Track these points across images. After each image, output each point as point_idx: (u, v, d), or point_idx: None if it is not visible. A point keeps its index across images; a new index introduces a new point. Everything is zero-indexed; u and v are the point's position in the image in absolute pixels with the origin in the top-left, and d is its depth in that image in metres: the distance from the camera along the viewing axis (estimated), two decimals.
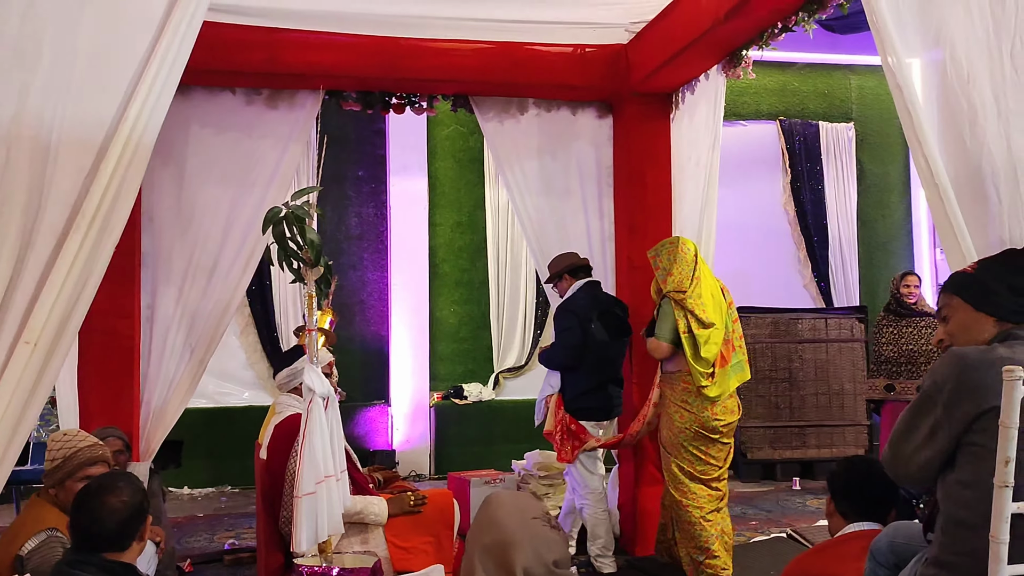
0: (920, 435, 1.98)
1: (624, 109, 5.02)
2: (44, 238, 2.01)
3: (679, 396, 4.15)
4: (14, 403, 1.97)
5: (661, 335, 4.15)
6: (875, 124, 8.90)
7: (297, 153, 4.76)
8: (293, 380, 3.75)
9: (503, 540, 1.66)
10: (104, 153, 2.05)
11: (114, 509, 2.16)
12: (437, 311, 7.88)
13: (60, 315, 2.02)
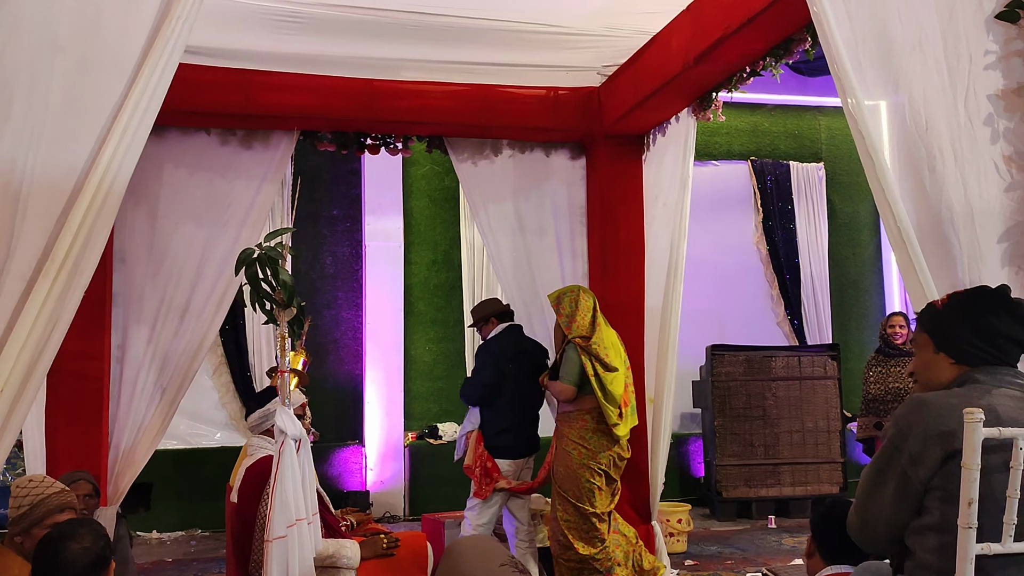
0: (888, 492, 1.97)
1: (596, 150, 5.09)
2: (12, 283, 1.99)
3: (577, 434, 4.33)
4: None
5: (567, 379, 4.35)
6: (844, 164, 9.08)
7: (271, 193, 4.76)
8: (265, 422, 3.72)
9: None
10: (75, 199, 2.05)
11: (75, 556, 2.13)
12: (412, 349, 7.87)
13: (28, 360, 2.00)
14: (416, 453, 7.57)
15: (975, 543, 1.81)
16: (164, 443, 5.76)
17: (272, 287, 3.25)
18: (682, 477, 8.01)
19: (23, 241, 2.01)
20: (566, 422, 4.42)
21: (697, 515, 6.98)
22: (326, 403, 7.45)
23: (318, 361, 7.39)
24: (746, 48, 3.79)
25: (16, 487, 2.93)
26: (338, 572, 3.54)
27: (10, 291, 1.99)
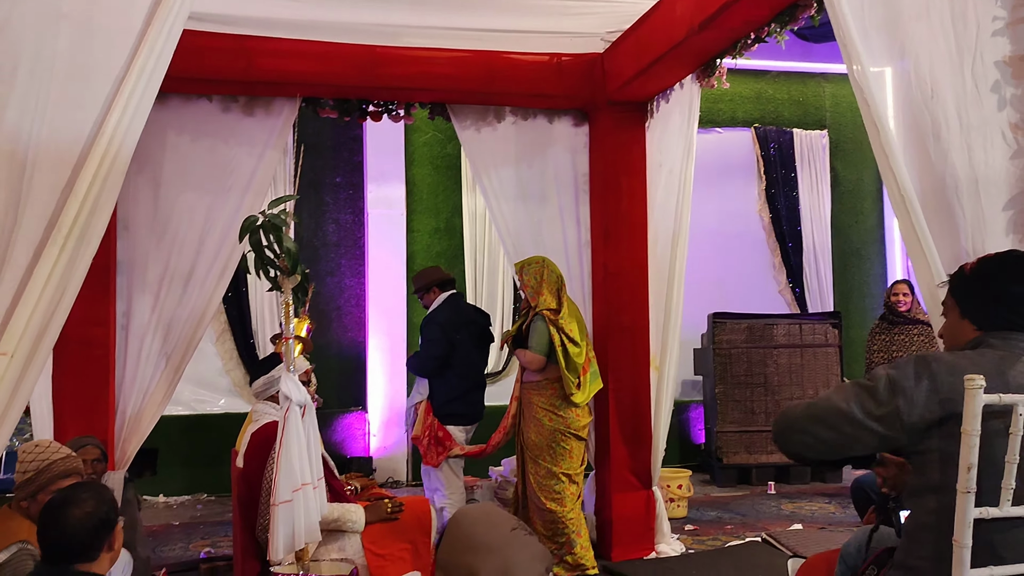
0: (852, 412, 1.94)
1: (600, 117, 5.07)
2: (21, 251, 2.00)
3: (547, 402, 4.52)
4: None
5: (537, 349, 4.50)
6: (848, 131, 9.03)
7: (274, 160, 4.75)
8: (270, 388, 3.75)
9: (495, 564, 1.59)
10: (81, 166, 2.06)
11: (78, 520, 2.15)
12: (415, 317, 7.88)
13: (37, 327, 2.02)
14: None
15: (974, 507, 1.83)
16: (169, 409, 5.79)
17: (276, 254, 3.26)
18: (682, 444, 8.07)
19: (30, 208, 2.02)
20: (535, 390, 4.57)
21: (697, 481, 7.05)
22: (329, 370, 7.49)
23: (321, 328, 7.41)
24: (751, 14, 3.76)
25: (23, 452, 2.96)
26: (343, 535, 3.60)
27: (19, 258, 2.01)
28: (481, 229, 8.07)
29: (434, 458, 4.93)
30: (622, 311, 4.94)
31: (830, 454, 2.01)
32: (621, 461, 4.91)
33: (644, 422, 4.95)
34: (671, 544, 5.00)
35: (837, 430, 1.96)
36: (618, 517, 4.89)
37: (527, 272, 4.62)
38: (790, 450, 2.05)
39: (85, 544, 2.16)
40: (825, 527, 5.56)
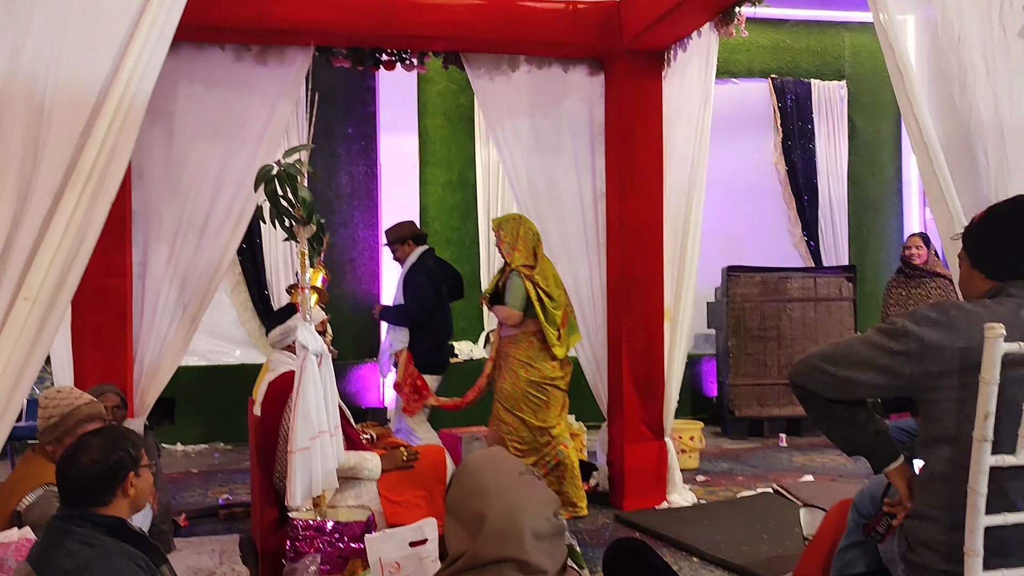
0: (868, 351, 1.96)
1: (615, 67, 5.00)
2: (40, 196, 2.01)
3: (524, 355, 4.69)
4: (14, 359, 1.99)
5: (514, 304, 4.67)
6: (868, 82, 8.88)
7: (287, 110, 4.72)
8: (286, 338, 3.78)
9: (504, 507, 1.60)
10: (98, 111, 2.05)
11: (87, 466, 2.17)
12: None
13: (58, 271, 2.03)
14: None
15: (990, 455, 1.84)
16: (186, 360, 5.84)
17: (291, 204, 3.26)
18: (694, 397, 8.10)
19: (49, 154, 2.02)
20: (512, 344, 4.74)
21: (709, 434, 7.08)
22: (343, 322, 7.53)
23: (335, 280, 7.43)
24: None
25: (45, 399, 3.01)
26: (359, 483, 3.65)
27: (39, 203, 2.01)
28: (494, 181, 8.03)
29: (412, 406, 5.17)
30: (636, 263, 4.92)
31: (842, 393, 2.01)
32: (634, 412, 4.94)
33: (657, 374, 4.97)
34: (683, 494, 5.05)
35: (852, 368, 1.97)
36: (630, 468, 4.93)
37: (504, 229, 4.77)
38: (805, 386, 2.05)
39: (95, 488, 2.18)
40: (836, 478, 5.60)
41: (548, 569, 1.59)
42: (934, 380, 1.91)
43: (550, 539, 1.61)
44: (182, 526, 4.58)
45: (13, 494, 2.86)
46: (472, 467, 1.70)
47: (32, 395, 4.68)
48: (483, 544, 1.57)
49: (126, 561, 2.12)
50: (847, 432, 2.10)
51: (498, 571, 1.56)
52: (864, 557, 2.43)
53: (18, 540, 2.59)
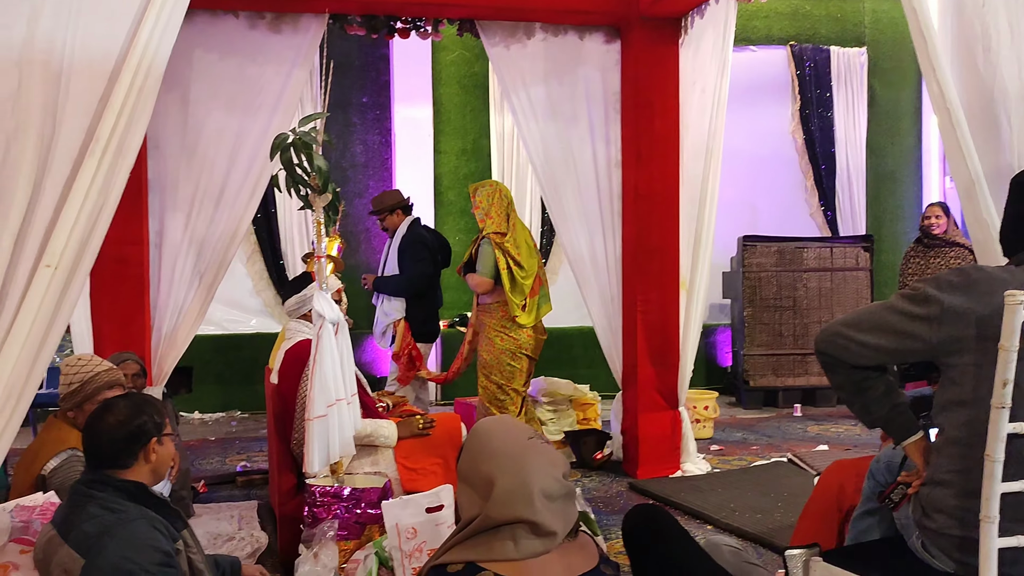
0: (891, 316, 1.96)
1: (632, 34, 4.94)
2: (60, 163, 2.02)
3: (498, 323, 4.79)
4: (37, 325, 2.01)
5: (484, 272, 4.73)
6: (888, 49, 8.75)
7: (301, 79, 4.70)
8: (303, 306, 3.79)
9: (513, 470, 1.63)
10: (115, 79, 2.05)
11: (110, 428, 2.20)
12: None
13: (79, 238, 2.05)
14: (447, 340, 7.69)
15: (1007, 422, 1.83)
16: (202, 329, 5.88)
17: (307, 172, 3.26)
18: (709, 367, 8.11)
19: (67, 121, 2.03)
20: (486, 312, 4.85)
21: (723, 403, 7.10)
22: (359, 292, 7.52)
23: (350, 250, 7.45)
24: None
25: (66, 365, 3.05)
26: (376, 450, 3.68)
27: (58, 171, 2.02)
28: (509, 150, 7.99)
29: (406, 376, 5.21)
30: (652, 232, 4.90)
31: (865, 359, 2.02)
32: (648, 381, 4.95)
33: (672, 343, 4.97)
34: (697, 463, 5.07)
35: (875, 333, 1.98)
36: (644, 436, 4.95)
37: (480, 194, 4.83)
38: (829, 352, 2.06)
39: (117, 451, 2.21)
40: (851, 448, 5.60)
41: (558, 531, 1.62)
42: (954, 344, 1.90)
43: (560, 500, 1.64)
44: (201, 492, 4.64)
45: (37, 459, 2.91)
46: (481, 433, 1.73)
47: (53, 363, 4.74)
48: (494, 506, 1.60)
49: (147, 525, 2.16)
50: (868, 403, 2.10)
51: (511, 532, 1.59)
52: (879, 525, 2.44)
53: (43, 504, 2.64)
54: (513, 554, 1.58)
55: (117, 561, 2.05)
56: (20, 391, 2.04)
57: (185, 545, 2.29)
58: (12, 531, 2.46)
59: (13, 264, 2.00)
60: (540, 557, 1.59)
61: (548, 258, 8.06)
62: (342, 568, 3.12)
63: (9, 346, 2.00)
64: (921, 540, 2.02)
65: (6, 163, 1.98)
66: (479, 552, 1.60)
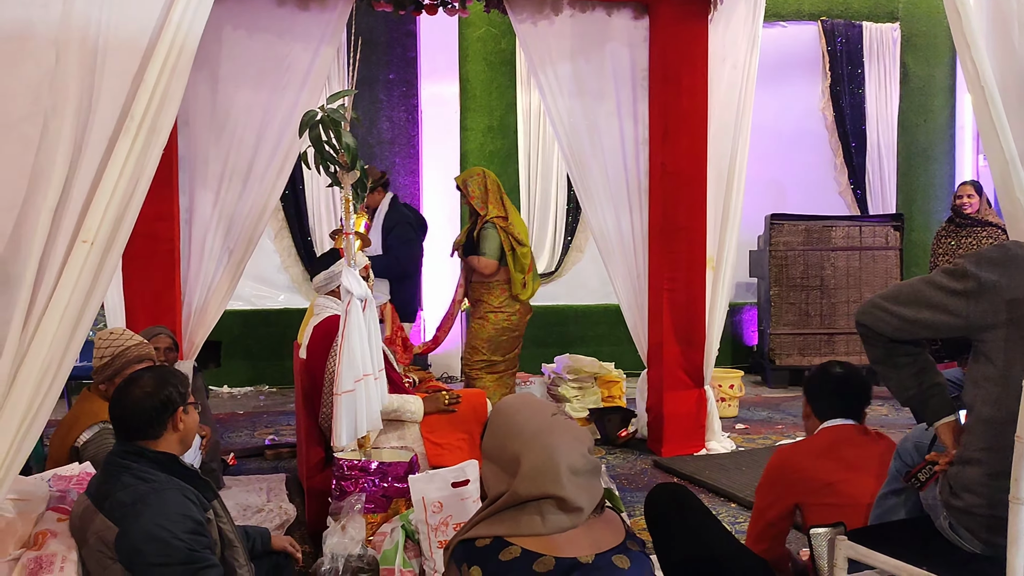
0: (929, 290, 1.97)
1: (660, 10, 4.90)
2: (96, 140, 2.05)
3: (498, 300, 4.99)
4: (74, 299, 2.06)
5: (491, 254, 4.92)
6: (922, 24, 8.59)
7: (329, 56, 4.71)
8: (331, 283, 3.82)
9: (539, 446, 1.64)
10: (149, 56, 2.08)
11: (138, 399, 2.25)
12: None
13: (114, 214, 2.08)
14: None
15: None
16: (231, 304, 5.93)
17: (335, 149, 3.28)
18: (734, 345, 8.09)
19: (103, 99, 2.05)
20: (487, 290, 5.00)
21: (748, 382, 7.08)
22: None
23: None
24: None
25: (99, 339, 3.11)
26: (402, 425, 3.72)
27: (94, 148, 2.05)
28: (535, 128, 7.97)
29: (404, 359, 5.19)
30: (679, 210, 4.88)
31: (903, 332, 2.03)
32: (674, 359, 4.95)
33: (698, 322, 4.96)
34: (721, 442, 5.07)
35: (914, 307, 1.99)
36: (669, 414, 4.96)
37: (472, 183, 4.99)
38: (868, 324, 2.08)
39: (145, 421, 2.26)
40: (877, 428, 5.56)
41: (584, 506, 1.63)
42: (987, 319, 1.89)
43: (586, 475, 1.65)
44: (230, 465, 4.72)
45: (71, 431, 2.97)
46: (505, 412, 1.74)
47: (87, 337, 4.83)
48: (522, 482, 1.62)
49: (179, 495, 2.21)
50: (904, 379, 2.10)
51: (538, 508, 1.61)
52: (904, 505, 2.44)
53: (79, 474, 2.70)
54: (540, 529, 1.60)
55: (151, 529, 2.11)
56: (58, 363, 2.09)
57: (215, 515, 2.34)
58: (50, 500, 2.52)
59: (51, 239, 2.04)
60: (567, 532, 1.61)
61: (574, 235, 8.05)
62: (369, 540, 3.16)
63: (47, 320, 2.05)
64: (949, 520, 2.02)
65: (44, 140, 2.01)
66: (507, 527, 1.62)
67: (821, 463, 2.62)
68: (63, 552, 2.29)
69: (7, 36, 1.99)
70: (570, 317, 7.93)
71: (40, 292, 2.05)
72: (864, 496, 2.54)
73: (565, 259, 8.06)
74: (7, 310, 2.00)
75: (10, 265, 2.02)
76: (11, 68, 1.99)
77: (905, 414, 5.98)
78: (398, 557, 3.02)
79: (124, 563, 2.14)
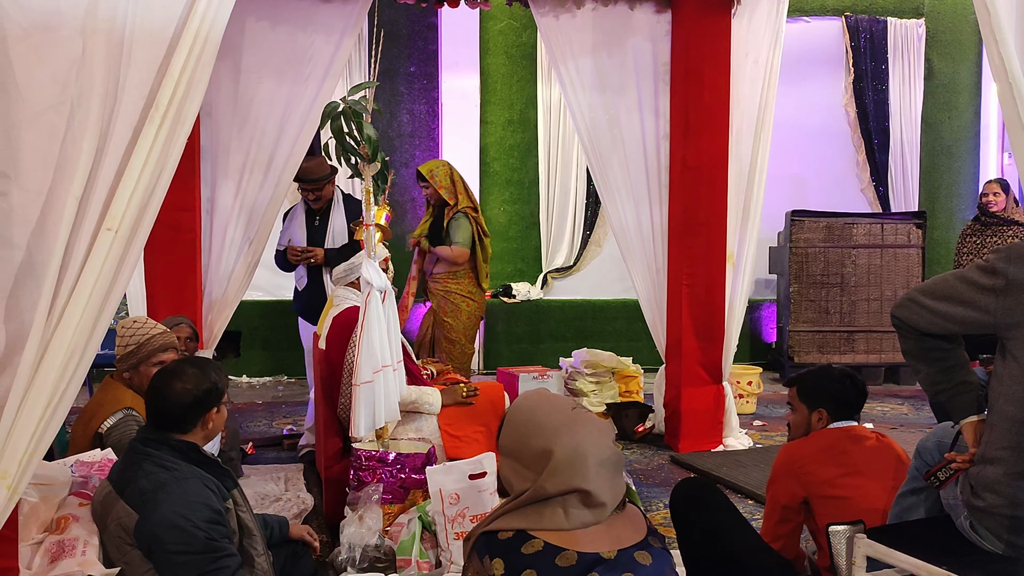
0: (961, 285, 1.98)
1: (683, 4, 4.87)
2: (121, 129, 2.07)
3: (465, 289, 5.08)
4: (98, 287, 2.07)
5: (464, 244, 4.97)
6: (948, 20, 8.49)
7: (350, 48, 4.72)
8: (351, 274, 3.84)
9: (565, 441, 1.62)
10: (175, 47, 2.09)
11: (178, 393, 2.28)
12: (487, 210, 7.91)
13: (139, 202, 2.10)
14: (491, 310, 7.74)
15: None
16: (250, 294, 5.95)
17: (357, 141, 3.29)
18: (753, 342, 8.05)
19: (129, 88, 2.07)
20: (454, 280, 5.06)
21: (767, 379, 7.05)
22: (405, 261, 7.58)
23: (396, 219, 7.49)
24: None
25: (122, 327, 3.14)
26: (420, 417, 3.73)
27: (119, 137, 2.07)
28: (556, 121, 7.95)
29: None
30: (699, 205, 4.86)
31: (935, 326, 2.03)
32: (692, 355, 4.93)
33: (717, 318, 4.94)
34: (739, 438, 5.06)
35: (945, 301, 2.00)
36: (687, 410, 4.95)
37: (437, 174, 5.01)
38: (902, 317, 2.10)
39: (180, 416, 2.29)
40: (896, 427, 5.54)
41: (607, 502, 1.62)
42: (1015, 316, 1.89)
43: (611, 468, 1.64)
44: (249, 454, 4.75)
45: (95, 417, 3.01)
46: (524, 409, 1.71)
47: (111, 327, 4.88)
48: (549, 478, 1.60)
49: (199, 483, 2.23)
50: (934, 374, 2.10)
51: (562, 502, 1.60)
52: (924, 503, 2.42)
53: (101, 460, 2.74)
54: (563, 524, 1.59)
55: (170, 517, 2.13)
56: (82, 350, 2.11)
57: (235, 503, 2.36)
58: (72, 485, 2.55)
59: (76, 227, 2.06)
60: (589, 528, 1.60)
61: (592, 230, 8.03)
62: (386, 531, 3.18)
63: (72, 307, 2.07)
64: (969, 520, 2.01)
65: (71, 129, 2.03)
66: (529, 521, 1.62)
67: (824, 457, 2.64)
68: (85, 536, 2.32)
69: (35, 26, 2.01)
70: (588, 311, 7.92)
71: (65, 279, 2.07)
72: (874, 493, 2.54)
73: (584, 253, 8.05)
74: (32, 296, 2.03)
75: (36, 253, 2.04)
76: (39, 57, 2.01)
77: (925, 413, 5.94)
78: (415, 548, 3.04)
79: (143, 550, 2.17)
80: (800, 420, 2.83)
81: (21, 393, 2.04)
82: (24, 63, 2.00)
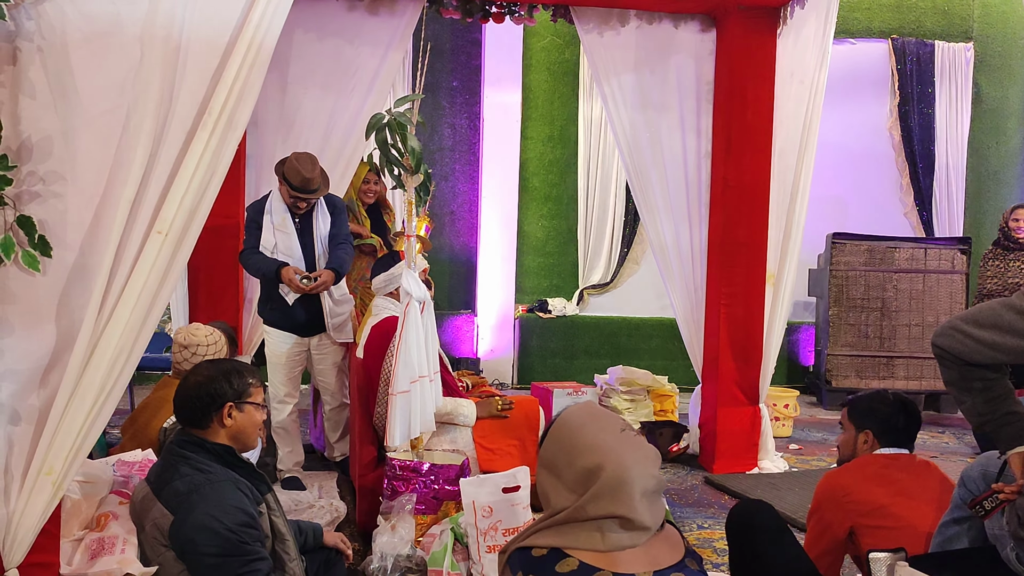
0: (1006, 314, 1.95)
1: (728, 23, 4.86)
2: (175, 134, 2.12)
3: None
4: (147, 289, 2.12)
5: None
6: (997, 44, 8.37)
7: (396, 61, 4.79)
8: (390, 284, 3.87)
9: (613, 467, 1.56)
10: (229, 54, 2.14)
11: (190, 388, 2.30)
12: (525, 225, 7.93)
13: (189, 207, 2.14)
14: (526, 325, 7.75)
15: None
16: None
17: (401, 153, 3.32)
18: (790, 365, 7.96)
19: (183, 95, 2.12)
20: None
21: (804, 403, 6.96)
22: (441, 272, 7.65)
23: (435, 232, 7.55)
24: None
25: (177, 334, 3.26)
26: (455, 428, 3.74)
27: (172, 142, 2.12)
28: (596, 138, 7.96)
29: None
30: (740, 225, 4.83)
31: (978, 355, 2.00)
32: (729, 376, 4.88)
33: (755, 339, 4.89)
34: (774, 461, 4.99)
35: (990, 330, 1.96)
36: (722, 431, 4.90)
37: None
38: (944, 346, 2.06)
39: (193, 410, 2.31)
40: (936, 455, 5.43)
41: (649, 526, 1.57)
42: None
43: (653, 495, 1.59)
44: None
45: (158, 413, 3.09)
46: (571, 424, 1.64)
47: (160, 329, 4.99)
48: (592, 500, 1.55)
49: (232, 487, 2.25)
50: (979, 404, 2.06)
51: (599, 524, 1.55)
52: (967, 533, 2.37)
53: (142, 460, 2.78)
54: (600, 545, 1.55)
55: (204, 519, 2.15)
56: (129, 351, 2.15)
57: (268, 508, 2.38)
58: (113, 483, 2.60)
59: (128, 230, 2.11)
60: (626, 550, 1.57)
61: (630, 247, 8.01)
62: (418, 541, 3.18)
63: (121, 307, 2.11)
64: (1016, 552, 1.96)
65: (126, 133, 2.08)
66: (565, 539, 1.57)
67: (871, 486, 2.56)
68: (123, 535, 2.35)
69: (96, 32, 2.06)
70: (624, 329, 7.89)
71: (115, 280, 2.11)
72: (920, 521, 2.47)
73: (620, 271, 8.03)
74: (84, 296, 2.07)
75: (88, 254, 2.09)
76: (98, 63, 2.06)
77: (967, 441, 5.82)
78: (447, 559, 3.03)
79: (177, 551, 2.19)
80: (847, 440, 2.78)
81: (69, 391, 2.08)
82: (84, 68, 2.06)
